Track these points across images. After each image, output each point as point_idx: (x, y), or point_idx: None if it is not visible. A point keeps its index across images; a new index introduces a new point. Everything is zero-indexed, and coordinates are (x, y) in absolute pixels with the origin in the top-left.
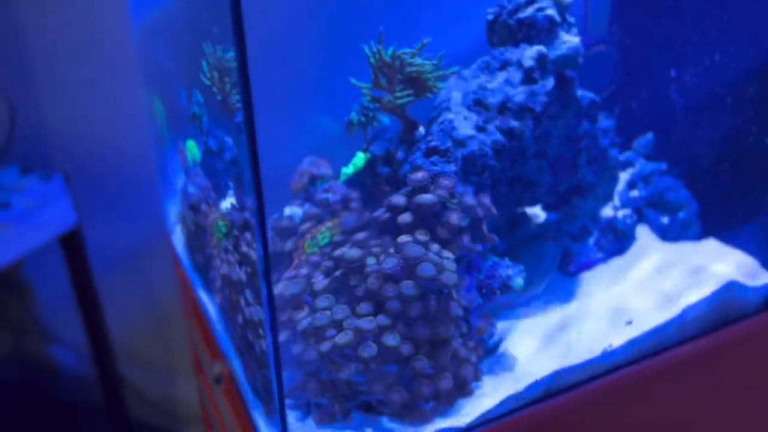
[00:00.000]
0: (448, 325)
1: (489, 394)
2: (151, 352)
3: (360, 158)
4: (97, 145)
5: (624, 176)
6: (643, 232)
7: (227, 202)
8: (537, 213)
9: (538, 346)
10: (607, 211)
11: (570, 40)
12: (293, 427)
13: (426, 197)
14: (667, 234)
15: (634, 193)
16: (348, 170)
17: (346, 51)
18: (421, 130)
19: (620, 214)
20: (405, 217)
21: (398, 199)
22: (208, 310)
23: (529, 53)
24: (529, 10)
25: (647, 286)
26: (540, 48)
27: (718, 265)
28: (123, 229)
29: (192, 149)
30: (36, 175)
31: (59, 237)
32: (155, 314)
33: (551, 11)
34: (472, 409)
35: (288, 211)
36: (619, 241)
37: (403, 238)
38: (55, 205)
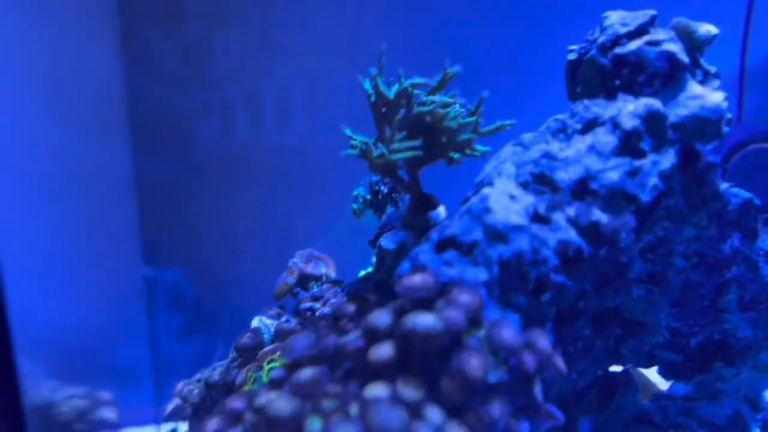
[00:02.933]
0: None
1: None
2: None
3: None
4: None
5: None
6: None
7: None
8: (649, 378)
9: None
10: None
11: (706, 94)
12: None
13: (424, 320)
14: None
15: None
16: (367, 271)
17: None
18: (440, 210)
19: None
20: (383, 351)
21: (379, 318)
22: None
23: (630, 108)
24: (635, 44)
25: None
26: (651, 102)
27: None
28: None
29: None
30: None
31: None
32: None
33: (673, 46)
34: None
35: (256, 322)
36: None
37: (375, 392)
38: None
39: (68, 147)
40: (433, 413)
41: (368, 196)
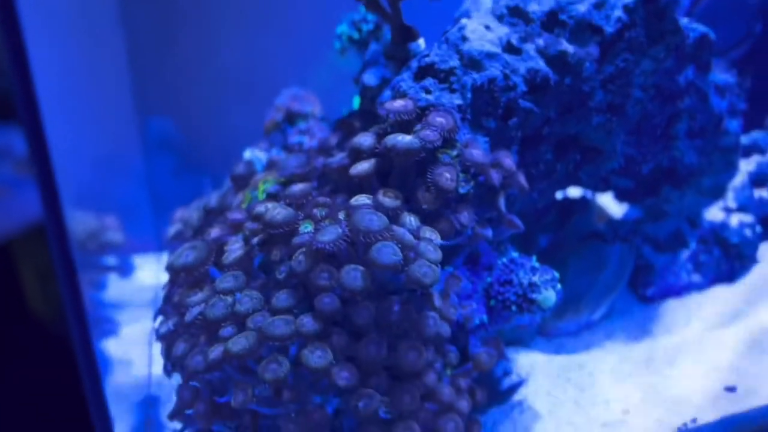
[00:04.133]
0: (419, 348)
1: None
2: None
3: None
4: None
5: (746, 165)
6: None
7: None
8: (604, 203)
9: (579, 401)
10: (714, 214)
11: None
12: None
13: (404, 139)
14: None
15: (762, 192)
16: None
17: None
18: (420, 42)
19: (735, 220)
20: (364, 167)
21: (363, 139)
22: None
23: None
24: None
25: None
26: None
27: None
28: None
29: None
30: None
31: None
32: None
33: None
34: None
35: (248, 154)
36: (729, 261)
37: (359, 200)
38: None
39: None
40: (410, 219)
41: (353, 34)
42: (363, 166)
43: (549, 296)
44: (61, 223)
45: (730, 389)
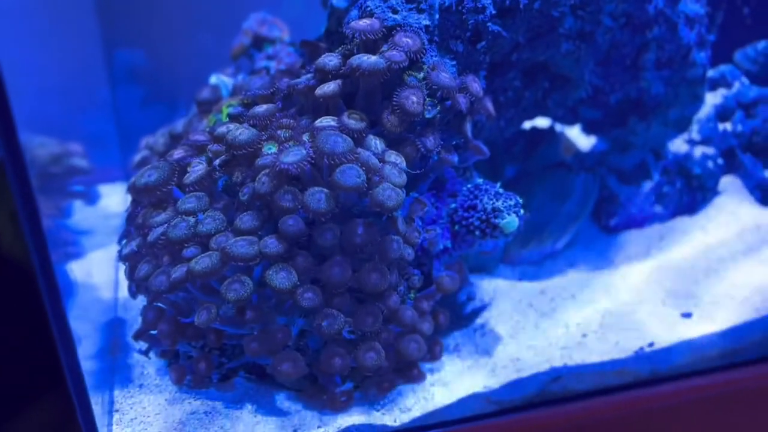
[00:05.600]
0: (382, 270)
1: (447, 384)
2: None
3: None
4: None
5: (713, 98)
6: (731, 186)
7: None
8: (571, 136)
9: (539, 325)
10: (679, 146)
11: None
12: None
13: (369, 59)
14: None
15: (726, 125)
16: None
17: None
18: None
19: (699, 152)
20: (330, 88)
21: (328, 59)
22: None
23: None
24: None
25: (727, 267)
26: None
27: None
28: None
29: None
30: None
31: None
32: None
33: None
34: (416, 402)
35: (214, 79)
36: (691, 193)
37: (324, 122)
38: None
39: None
40: (375, 142)
41: None
42: (328, 87)
43: (512, 221)
44: (18, 151)
45: (686, 315)
